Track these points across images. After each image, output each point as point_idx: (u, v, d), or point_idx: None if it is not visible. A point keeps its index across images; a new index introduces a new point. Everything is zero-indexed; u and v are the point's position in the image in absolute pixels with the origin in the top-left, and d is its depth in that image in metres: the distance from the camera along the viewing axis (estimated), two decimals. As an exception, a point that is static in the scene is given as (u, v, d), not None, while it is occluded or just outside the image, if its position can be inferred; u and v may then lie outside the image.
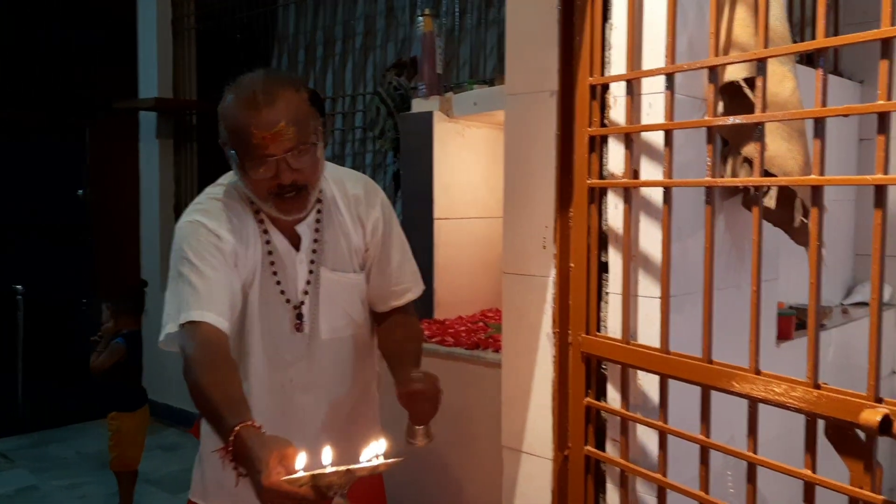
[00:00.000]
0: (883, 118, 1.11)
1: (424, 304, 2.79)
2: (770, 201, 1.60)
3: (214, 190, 1.65)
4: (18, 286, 5.28)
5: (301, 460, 1.23)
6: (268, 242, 1.62)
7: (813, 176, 1.20)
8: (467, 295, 2.83)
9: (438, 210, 2.77)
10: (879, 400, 1.13)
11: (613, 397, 1.61)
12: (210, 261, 1.52)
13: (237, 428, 1.29)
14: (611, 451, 1.61)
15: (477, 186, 2.88)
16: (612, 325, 1.62)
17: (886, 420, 1.06)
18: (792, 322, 2.04)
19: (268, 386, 1.68)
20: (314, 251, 1.64)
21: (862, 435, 1.17)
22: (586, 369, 1.62)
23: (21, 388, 5.25)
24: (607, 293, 1.64)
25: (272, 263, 1.62)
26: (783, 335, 2.01)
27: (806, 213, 1.64)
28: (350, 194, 1.68)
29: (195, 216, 1.58)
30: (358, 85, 4.36)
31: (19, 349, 5.27)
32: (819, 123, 1.20)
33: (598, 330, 1.63)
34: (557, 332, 1.66)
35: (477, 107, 2.66)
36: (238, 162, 1.52)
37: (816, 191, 1.21)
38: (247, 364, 1.66)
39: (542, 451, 1.70)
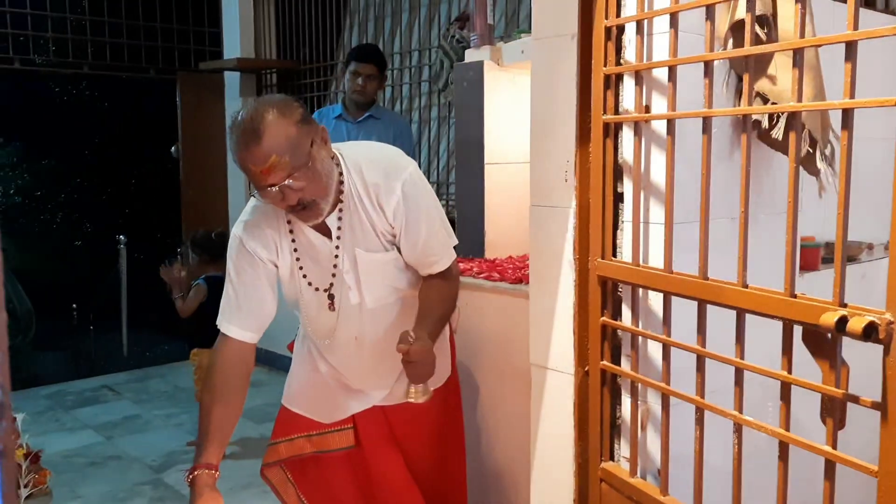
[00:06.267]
0: (850, 47, 1.20)
1: (476, 243, 2.96)
2: (778, 132, 1.69)
3: (256, 196, 1.83)
4: (121, 237, 5.77)
5: None
6: (293, 241, 1.85)
7: (791, 103, 1.31)
8: (517, 236, 2.97)
9: (489, 155, 2.91)
10: (844, 305, 1.24)
11: (627, 316, 1.75)
12: (243, 277, 1.83)
13: (196, 472, 1.64)
14: (625, 365, 1.76)
15: (526, 132, 2.98)
16: (627, 250, 1.75)
17: (842, 320, 1.17)
18: (816, 254, 2.11)
19: (338, 343, 1.94)
20: (338, 237, 1.83)
21: (830, 337, 1.28)
22: (602, 292, 1.76)
23: (125, 330, 5.76)
24: (623, 221, 1.77)
25: (298, 259, 1.86)
26: (808, 266, 2.08)
27: (813, 144, 1.72)
28: (369, 183, 1.81)
29: (240, 230, 1.86)
30: (426, 40, 4.51)
31: (123, 295, 5.76)
32: (798, 54, 1.30)
33: (614, 255, 1.77)
34: (577, 259, 1.81)
35: (524, 55, 2.77)
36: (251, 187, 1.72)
37: (793, 115, 1.31)
38: (311, 331, 1.98)
39: (564, 367, 1.86)
